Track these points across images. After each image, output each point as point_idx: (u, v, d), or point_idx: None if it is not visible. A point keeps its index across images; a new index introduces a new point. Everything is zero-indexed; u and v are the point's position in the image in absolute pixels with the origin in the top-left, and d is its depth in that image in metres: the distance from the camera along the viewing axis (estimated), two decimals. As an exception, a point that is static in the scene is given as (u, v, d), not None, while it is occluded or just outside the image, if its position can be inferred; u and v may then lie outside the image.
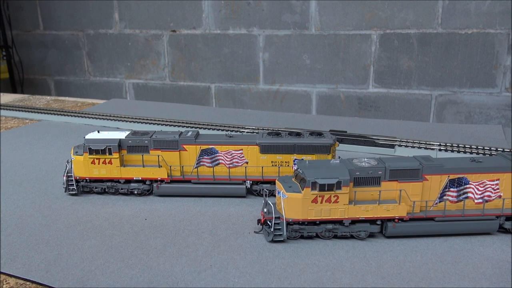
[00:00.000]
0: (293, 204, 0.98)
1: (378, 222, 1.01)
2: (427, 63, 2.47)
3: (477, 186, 1.01)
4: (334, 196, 0.97)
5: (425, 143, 1.62)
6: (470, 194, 1.02)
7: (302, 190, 0.97)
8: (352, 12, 2.54)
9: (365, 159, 1.03)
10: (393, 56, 2.53)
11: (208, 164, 1.22)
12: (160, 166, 1.22)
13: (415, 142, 1.63)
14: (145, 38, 3.18)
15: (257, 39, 2.83)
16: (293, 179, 1.03)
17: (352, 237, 1.02)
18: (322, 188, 0.96)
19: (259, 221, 1.04)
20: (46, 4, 3.45)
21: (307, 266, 0.91)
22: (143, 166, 1.22)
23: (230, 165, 1.22)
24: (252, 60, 2.89)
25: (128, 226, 1.09)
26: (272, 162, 1.21)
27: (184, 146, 1.21)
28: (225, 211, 1.17)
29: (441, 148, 1.57)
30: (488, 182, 1.01)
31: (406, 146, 1.61)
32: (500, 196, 1.02)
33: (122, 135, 1.23)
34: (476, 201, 1.02)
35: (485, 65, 2.36)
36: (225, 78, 3.02)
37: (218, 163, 1.22)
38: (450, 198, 1.02)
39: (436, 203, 1.02)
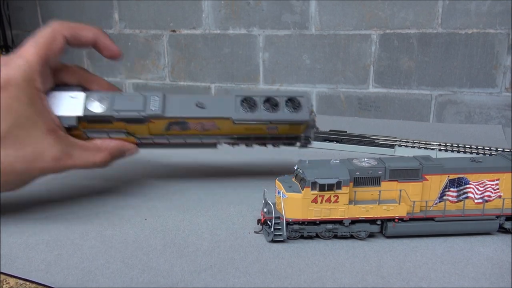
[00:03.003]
0: (293, 204, 0.98)
1: (378, 222, 1.01)
2: (427, 63, 2.47)
3: (477, 186, 1.01)
4: (334, 196, 0.97)
5: (425, 143, 1.62)
6: (470, 194, 1.02)
7: (302, 190, 0.97)
8: (352, 12, 2.54)
9: (365, 159, 1.03)
10: (393, 56, 2.53)
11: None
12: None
13: (415, 142, 1.63)
14: (145, 38, 3.17)
15: (257, 39, 2.83)
16: (293, 179, 1.03)
17: (352, 237, 1.02)
18: (322, 188, 0.96)
19: (259, 221, 1.04)
20: (46, 4, 3.45)
21: (307, 266, 0.91)
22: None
23: (201, 130, 1.16)
24: (252, 60, 2.89)
25: (128, 226, 1.09)
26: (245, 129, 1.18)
27: (152, 120, 1.11)
28: (225, 211, 1.17)
29: (441, 148, 1.57)
30: (488, 182, 1.01)
31: (406, 146, 1.61)
32: (500, 196, 1.02)
33: (77, 107, 1.06)
34: (476, 201, 1.02)
35: (485, 65, 2.36)
36: (225, 78, 3.02)
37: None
38: (450, 198, 1.02)
39: (436, 203, 1.02)
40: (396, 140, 1.65)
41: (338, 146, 1.67)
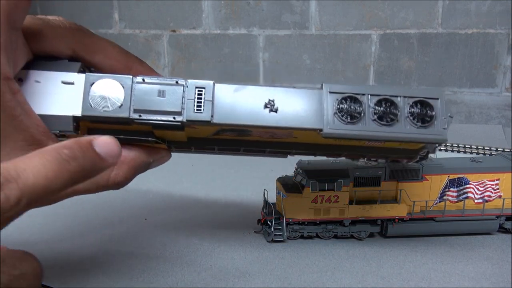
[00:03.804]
0: (293, 204, 0.98)
1: (378, 222, 1.01)
2: (427, 63, 2.47)
3: (477, 186, 1.01)
4: (334, 196, 0.97)
5: (425, 143, 1.62)
6: (470, 194, 1.02)
7: (302, 190, 0.97)
8: (352, 12, 2.54)
9: (365, 159, 1.03)
10: (393, 56, 2.53)
11: None
12: None
13: (415, 142, 1.63)
14: (145, 38, 3.17)
15: (257, 39, 2.83)
16: (293, 179, 1.03)
17: (352, 237, 1.02)
18: (322, 188, 0.96)
19: (259, 221, 1.04)
20: (46, 4, 3.45)
21: (307, 266, 0.91)
22: None
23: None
24: (252, 60, 2.89)
25: (128, 226, 1.09)
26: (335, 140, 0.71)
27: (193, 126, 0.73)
28: (225, 211, 1.17)
29: (441, 148, 1.57)
30: (488, 182, 1.01)
31: (406, 146, 1.61)
32: (500, 196, 1.02)
33: None
34: (476, 201, 1.02)
35: (485, 65, 2.36)
36: (225, 78, 3.02)
37: None
38: (450, 198, 1.02)
39: (436, 203, 1.02)
40: (396, 140, 1.65)
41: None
